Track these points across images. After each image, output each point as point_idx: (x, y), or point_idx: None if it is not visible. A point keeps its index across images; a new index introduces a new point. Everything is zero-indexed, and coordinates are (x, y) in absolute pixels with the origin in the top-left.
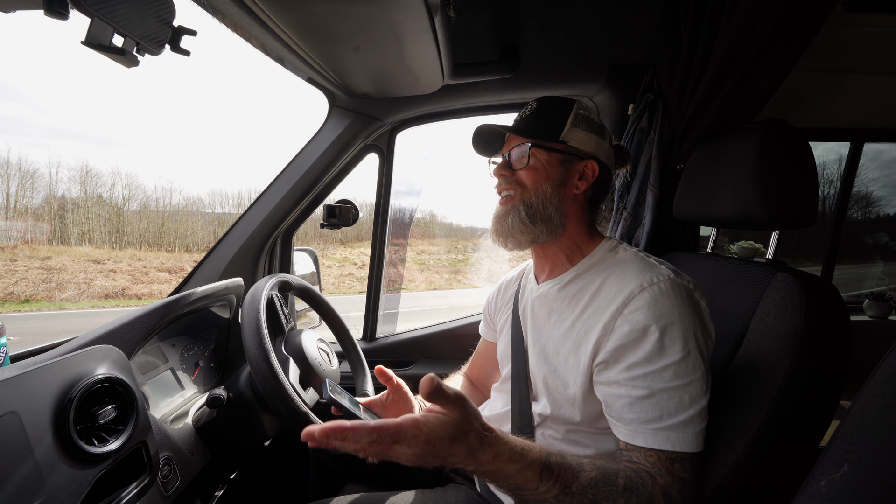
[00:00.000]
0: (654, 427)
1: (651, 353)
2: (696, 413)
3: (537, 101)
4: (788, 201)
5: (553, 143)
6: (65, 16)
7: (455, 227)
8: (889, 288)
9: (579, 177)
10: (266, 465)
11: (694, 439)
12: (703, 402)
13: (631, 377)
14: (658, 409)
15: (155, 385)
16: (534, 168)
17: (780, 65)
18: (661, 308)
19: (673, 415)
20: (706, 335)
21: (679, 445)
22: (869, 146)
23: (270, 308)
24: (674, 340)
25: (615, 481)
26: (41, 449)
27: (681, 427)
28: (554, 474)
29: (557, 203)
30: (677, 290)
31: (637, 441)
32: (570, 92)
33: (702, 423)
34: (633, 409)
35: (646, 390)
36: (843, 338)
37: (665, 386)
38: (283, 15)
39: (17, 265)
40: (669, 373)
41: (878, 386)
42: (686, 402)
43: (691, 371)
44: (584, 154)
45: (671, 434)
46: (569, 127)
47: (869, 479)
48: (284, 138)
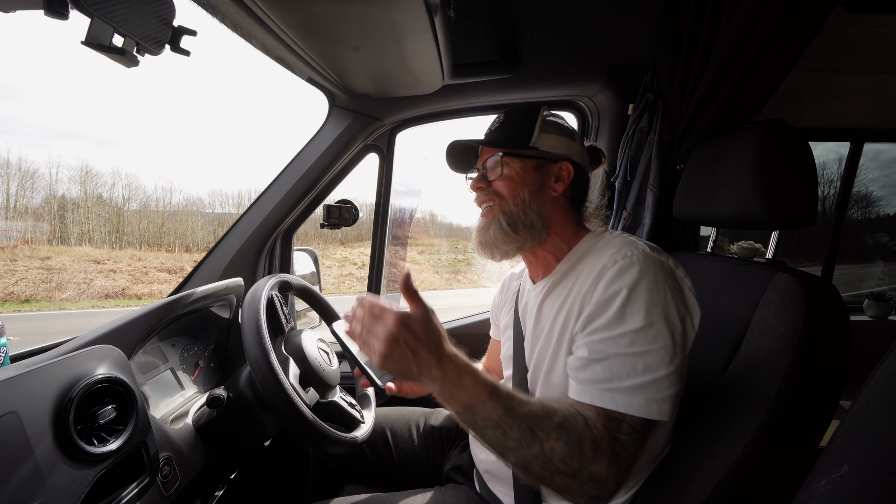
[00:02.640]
0: (602, 387)
1: (611, 319)
2: (651, 381)
3: (504, 113)
4: (788, 201)
5: (524, 150)
6: (65, 16)
7: (455, 227)
8: (889, 288)
9: (555, 179)
10: (266, 464)
11: (643, 405)
12: (661, 372)
13: (590, 341)
14: (609, 372)
15: (155, 385)
16: (508, 177)
17: (780, 65)
18: (628, 278)
19: (623, 379)
20: (683, 311)
21: (623, 407)
22: (869, 146)
23: (270, 308)
24: (636, 310)
25: (552, 417)
26: (41, 449)
27: (629, 391)
28: (502, 397)
29: (537, 208)
30: (650, 263)
31: (584, 398)
32: (569, 92)
33: (658, 391)
34: (587, 369)
35: (600, 353)
36: (842, 338)
37: (619, 351)
38: (283, 15)
39: (17, 265)
40: (626, 339)
41: (878, 386)
42: (640, 369)
43: (651, 340)
44: (557, 156)
45: (617, 396)
46: (538, 132)
47: (869, 479)
48: (284, 138)
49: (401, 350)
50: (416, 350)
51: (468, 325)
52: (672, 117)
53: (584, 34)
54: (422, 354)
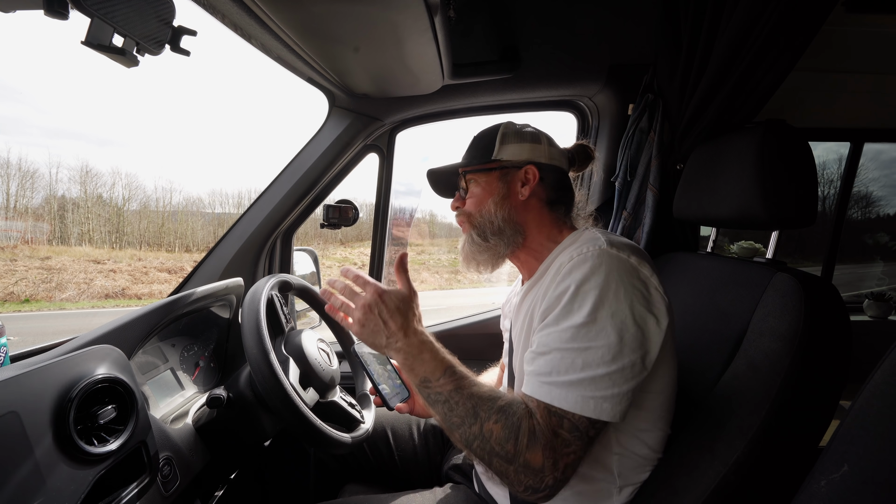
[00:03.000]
0: (542, 380)
1: (559, 313)
2: (588, 378)
3: (472, 139)
4: (788, 201)
5: (486, 164)
6: (65, 16)
7: (455, 227)
8: (889, 288)
9: (521, 184)
10: (266, 465)
11: (578, 401)
12: (599, 370)
13: (540, 335)
14: (549, 366)
15: (155, 385)
16: (475, 193)
17: (780, 65)
18: (578, 273)
19: (561, 373)
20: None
21: (559, 401)
22: (869, 146)
23: (270, 308)
24: (581, 305)
25: (495, 401)
26: (41, 449)
27: (566, 386)
28: (455, 375)
29: (505, 215)
30: (604, 259)
31: (527, 389)
32: (569, 92)
33: (596, 390)
34: (533, 363)
35: (545, 347)
36: (842, 338)
37: (561, 346)
38: (283, 15)
39: (17, 265)
40: (568, 334)
41: (878, 386)
42: (578, 366)
43: (593, 338)
44: (520, 163)
45: (553, 389)
46: (498, 146)
47: (869, 479)
48: (284, 138)
49: (374, 319)
50: (387, 321)
51: (468, 326)
52: (672, 117)
53: (584, 34)
54: (391, 326)
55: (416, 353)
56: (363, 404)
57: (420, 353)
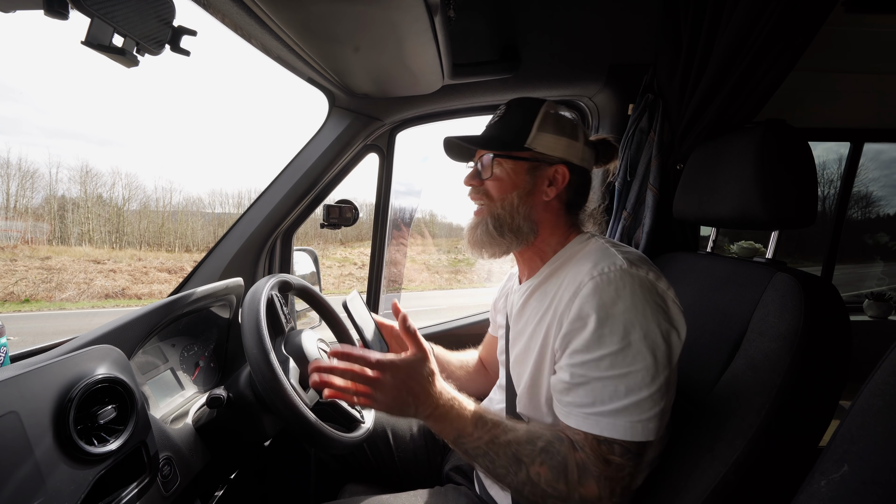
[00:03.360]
0: (585, 412)
1: (589, 341)
2: (633, 403)
3: (506, 105)
4: (788, 201)
5: (518, 152)
6: (65, 16)
7: (455, 227)
8: (889, 288)
9: (548, 183)
10: (266, 465)
11: (627, 428)
12: (642, 394)
13: (570, 364)
14: (591, 396)
15: (155, 385)
16: (499, 178)
17: (780, 65)
18: (604, 297)
19: (605, 402)
20: (666, 327)
21: (608, 431)
22: (869, 146)
23: (270, 308)
24: (613, 331)
25: (535, 442)
26: (41, 449)
27: (612, 414)
28: (488, 425)
29: (526, 212)
30: (627, 280)
31: (570, 422)
32: (569, 92)
33: (641, 413)
34: (570, 393)
35: (582, 378)
36: (842, 338)
37: (600, 375)
38: (283, 15)
39: (17, 265)
40: (605, 363)
41: (878, 386)
42: (621, 392)
43: (630, 362)
44: (553, 159)
45: (601, 420)
46: (535, 132)
47: (869, 479)
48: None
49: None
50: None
51: (467, 326)
52: (672, 117)
53: (584, 34)
54: (419, 396)
55: (443, 414)
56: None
57: (448, 412)
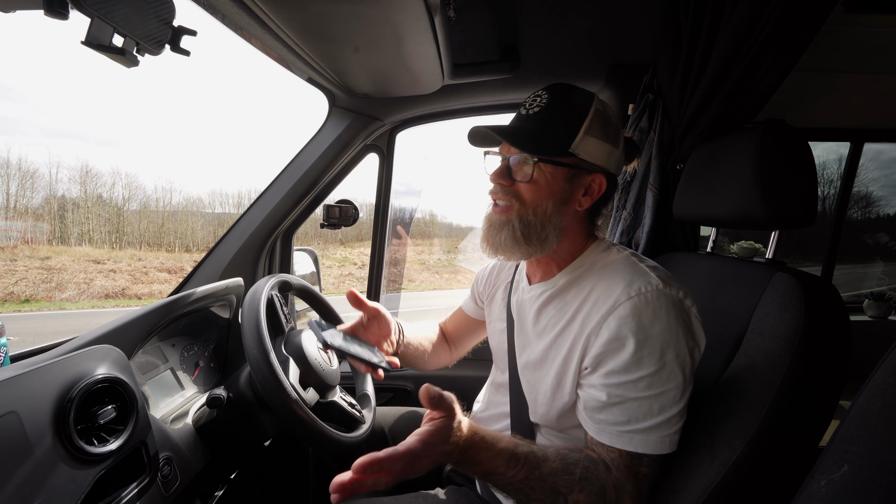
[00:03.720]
0: (620, 430)
1: (628, 363)
2: (665, 420)
3: (549, 93)
4: (788, 201)
5: (561, 157)
6: (65, 16)
7: (455, 227)
8: (889, 288)
9: (584, 192)
10: (266, 465)
11: (658, 443)
12: (673, 410)
13: (606, 384)
14: (626, 415)
15: (155, 385)
16: (536, 182)
17: (780, 65)
18: (643, 319)
19: (640, 420)
20: (692, 344)
21: (641, 447)
22: (869, 146)
23: (270, 308)
24: (652, 353)
25: (573, 471)
26: (41, 449)
27: (646, 431)
28: (521, 462)
29: (557, 221)
30: (663, 301)
31: (602, 439)
32: None
33: (670, 428)
34: (604, 412)
35: (618, 398)
36: (842, 338)
37: (637, 395)
38: (283, 15)
39: (17, 265)
40: (643, 384)
41: (878, 386)
42: (655, 410)
43: (665, 381)
44: (594, 168)
45: (635, 437)
46: (582, 135)
47: (869, 479)
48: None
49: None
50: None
51: None
52: (672, 117)
53: (583, 34)
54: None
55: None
56: (363, 404)
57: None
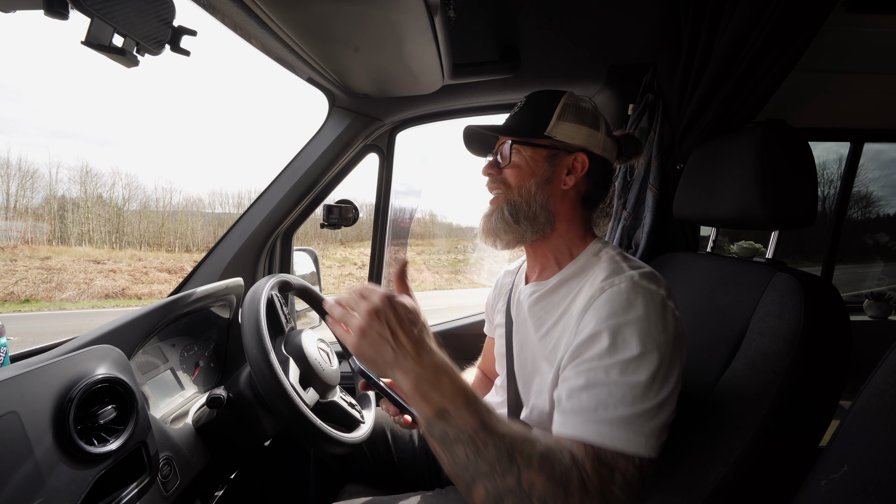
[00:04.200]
0: (587, 417)
1: (601, 351)
2: (639, 413)
3: (527, 97)
4: (788, 201)
5: (537, 139)
6: (65, 16)
7: (455, 227)
8: (889, 288)
9: (567, 171)
10: (266, 465)
11: (631, 440)
12: (649, 404)
13: (577, 371)
14: (594, 401)
15: (155, 385)
16: (517, 165)
17: (780, 65)
18: (616, 307)
19: (609, 409)
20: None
21: (609, 440)
22: (869, 146)
23: (270, 308)
24: (626, 341)
25: (534, 445)
26: (41, 449)
27: (616, 423)
28: (480, 408)
29: (543, 200)
30: (638, 291)
31: (565, 429)
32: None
33: (645, 424)
34: (572, 398)
35: (584, 380)
36: (842, 338)
37: (608, 380)
38: (283, 15)
39: (17, 265)
40: (616, 370)
41: (878, 386)
42: (628, 399)
43: (640, 370)
44: (573, 147)
45: (602, 427)
46: (555, 120)
47: (869, 479)
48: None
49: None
50: (395, 331)
51: (466, 326)
52: (672, 117)
53: (584, 34)
54: (400, 338)
55: (432, 377)
56: (363, 404)
57: (436, 377)
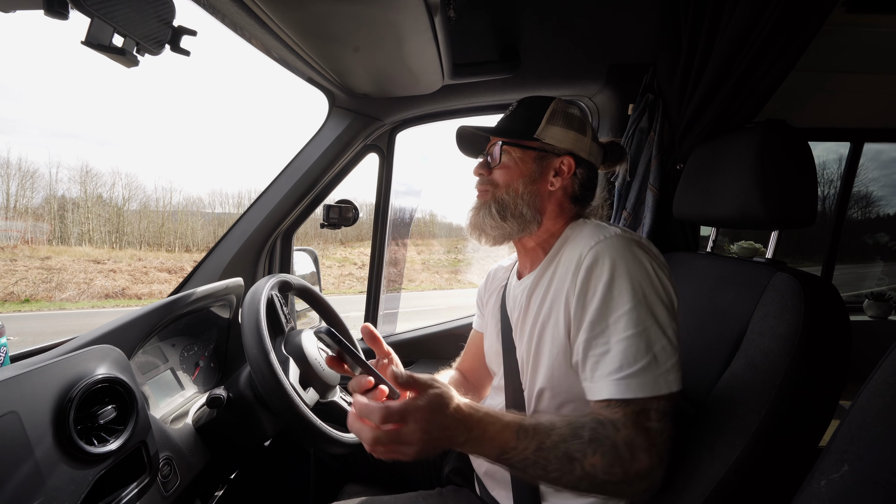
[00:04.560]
0: (615, 377)
1: (602, 307)
2: (655, 356)
3: (518, 102)
4: (788, 201)
5: (526, 141)
6: (65, 16)
7: (455, 227)
8: (889, 288)
9: (555, 173)
10: (266, 464)
11: (654, 382)
12: (660, 344)
13: (592, 336)
14: (617, 361)
15: (155, 385)
16: (506, 166)
17: (780, 65)
18: (606, 262)
19: (631, 363)
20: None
21: (640, 391)
22: (869, 146)
23: (270, 308)
24: (622, 291)
25: (582, 434)
26: (41, 449)
27: (640, 373)
28: (529, 433)
29: (530, 199)
30: (623, 243)
31: (601, 394)
32: (570, 92)
33: (663, 364)
34: (599, 365)
35: (605, 346)
36: (842, 337)
37: (620, 337)
38: (283, 15)
39: (17, 265)
40: (622, 323)
41: (878, 386)
42: (643, 349)
43: (644, 317)
44: (560, 150)
45: (631, 381)
46: (544, 124)
47: (869, 478)
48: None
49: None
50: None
51: (468, 326)
52: (672, 117)
53: (584, 34)
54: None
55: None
56: None
57: (484, 431)
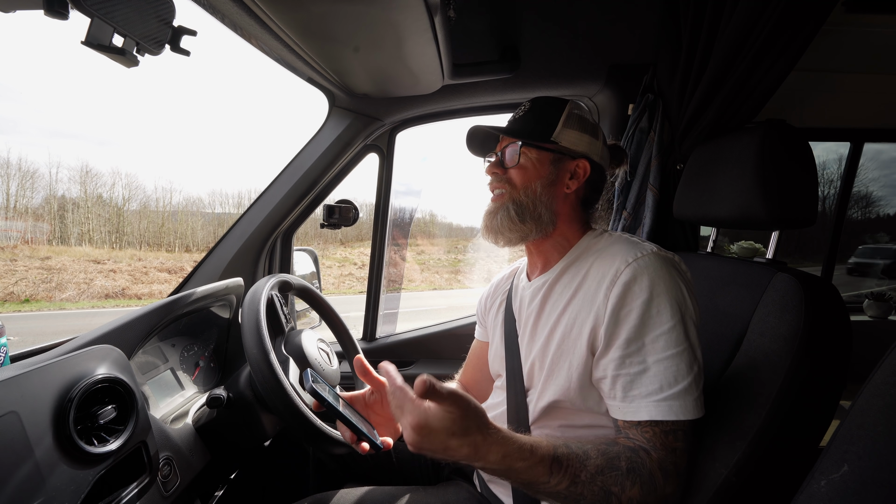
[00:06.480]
0: (656, 399)
1: (640, 325)
2: (693, 379)
3: (531, 102)
4: (788, 201)
5: (544, 143)
6: (65, 16)
7: (455, 227)
8: (889, 288)
9: (570, 176)
10: (266, 465)
11: (693, 405)
12: (696, 370)
13: (626, 354)
14: (657, 381)
15: (155, 385)
16: (524, 167)
17: (781, 65)
18: (646, 280)
19: (672, 384)
20: (693, 304)
21: (681, 413)
22: (869, 146)
23: (270, 308)
24: (661, 311)
25: (619, 465)
26: (41, 449)
27: (681, 395)
28: (563, 467)
29: (547, 201)
30: (661, 262)
31: (640, 416)
32: (570, 92)
33: (697, 388)
34: (635, 385)
35: (641, 365)
36: (842, 338)
37: (659, 357)
38: (283, 15)
39: (17, 265)
40: (660, 344)
41: (878, 386)
42: (683, 371)
43: (683, 339)
44: (576, 153)
45: (673, 403)
46: (561, 127)
47: (869, 479)
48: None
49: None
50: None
51: (468, 326)
52: (672, 117)
53: (584, 34)
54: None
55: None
56: None
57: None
